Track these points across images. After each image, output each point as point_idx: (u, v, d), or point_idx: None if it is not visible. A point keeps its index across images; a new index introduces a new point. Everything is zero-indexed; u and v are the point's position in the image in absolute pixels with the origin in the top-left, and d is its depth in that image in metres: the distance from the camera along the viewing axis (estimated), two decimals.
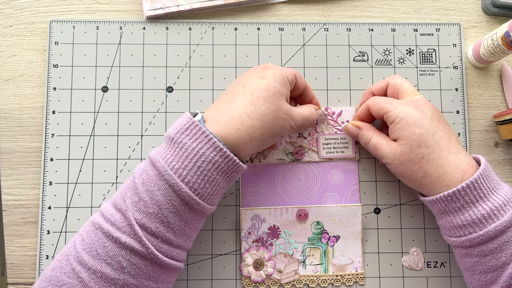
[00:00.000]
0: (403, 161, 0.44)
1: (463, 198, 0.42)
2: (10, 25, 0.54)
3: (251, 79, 0.44)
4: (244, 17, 0.55)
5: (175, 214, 0.39)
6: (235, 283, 0.51)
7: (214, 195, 0.41)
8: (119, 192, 0.41)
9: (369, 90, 0.52)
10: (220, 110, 0.43)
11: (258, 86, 0.43)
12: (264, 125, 0.43)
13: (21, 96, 0.53)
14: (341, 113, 0.53)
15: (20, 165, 0.52)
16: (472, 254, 0.42)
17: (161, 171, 0.39)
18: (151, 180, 0.39)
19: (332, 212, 0.51)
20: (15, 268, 0.51)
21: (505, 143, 0.54)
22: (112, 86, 0.53)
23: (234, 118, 0.42)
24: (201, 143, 0.40)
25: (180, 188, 0.39)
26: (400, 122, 0.44)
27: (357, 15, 0.56)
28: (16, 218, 0.51)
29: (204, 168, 0.40)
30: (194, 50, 0.54)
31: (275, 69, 0.45)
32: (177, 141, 0.40)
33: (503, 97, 0.55)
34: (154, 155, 0.40)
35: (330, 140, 0.52)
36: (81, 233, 0.40)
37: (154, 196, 0.39)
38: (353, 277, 0.51)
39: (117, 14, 0.55)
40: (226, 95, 0.45)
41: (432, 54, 0.55)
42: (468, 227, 0.42)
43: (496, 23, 0.56)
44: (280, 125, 0.44)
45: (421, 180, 0.44)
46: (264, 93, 0.43)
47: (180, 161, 0.39)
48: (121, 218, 0.39)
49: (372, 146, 0.48)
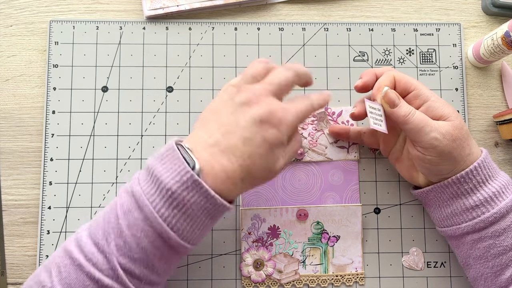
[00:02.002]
0: (457, 136, 0.42)
1: (475, 178, 0.43)
2: (10, 25, 0.54)
3: (249, 126, 0.39)
4: (244, 17, 0.55)
5: (160, 259, 0.38)
6: (235, 283, 0.51)
7: (200, 235, 0.40)
8: (100, 228, 0.38)
9: (372, 71, 0.47)
10: (213, 160, 0.38)
11: (255, 142, 0.38)
12: (253, 186, 0.41)
13: (21, 96, 0.53)
14: (341, 113, 0.53)
15: (20, 165, 0.52)
16: (486, 236, 0.43)
17: (149, 217, 0.37)
18: (137, 224, 0.37)
19: (332, 212, 0.51)
20: (15, 268, 0.51)
21: (505, 143, 0.54)
22: (112, 86, 0.53)
23: (229, 179, 0.38)
24: (195, 195, 0.37)
25: (170, 237, 0.37)
26: (438, 101, 0.44)
27: (357, 15, 0.56)
28: (16, 218, 0.51)
29: (194, 215, 0.38)
30: (194, 50, 0.54)
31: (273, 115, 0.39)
32: (168, 190, 0.37)
33: (503, 97, 0.55)
34: (140, 195, 0.37)
35: (373, 109, 0.45)
36: (57, 263, 0.38)
37: (140, 242, 0.37)
38: (353, 277, 0.51)
39: (117, 14, 0.55)
40: (221, 134, 0.39)
41: (432, 54, 0.55)
42: (481, 207, 0.43)
43: (496, 23, 0.56)
44: (270, 176, 0.41)
45: (466, 157, 0.44)
46: (262, 160, 0.39)
47: (170, 209, 0.37)
48: (104, 260, 0.37)
49: (420, 118, 0.42)
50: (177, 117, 0.53)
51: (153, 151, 0.52)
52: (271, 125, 0.39)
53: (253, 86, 0.40)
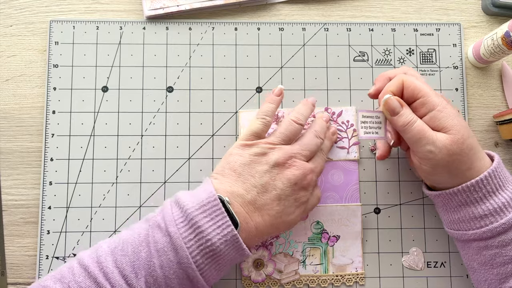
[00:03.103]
0: (454, 151, 0.41)
1: (485, 188, 0.42)
2: (10, 25, 0.54)
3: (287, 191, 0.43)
4: (244, 17, 0.55)
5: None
6: (235, 283, 0.51)
7: (218, 277, 0.42)
8: (129, 260, 0.39)
9: (386, 75, 0.47)
10: (249, 218, 0.42)
11: (288, 202, 0.43)
12: (275, 233, 0.45)
13: (21, 96, 0.53)
14: (341, 113, 0.53)
15: (20, 165, 0.52)
16: (492, 245, 0.42)
17: (184, 262, 0.38)
18: (170, 266, 0.38)
19: (332, 212, 0.51)
20: (15, 268, 0.51)
21: (505, 143, 0.54)
22: (112, 86, 0.53)
23: (258, 234, 0.42)
24: (233, 251, 0.40)
25: (198, 281, 0.39)
26: (444, 111, 0.42)
27: (357, 15, 0.56)
28: (16, 218, 0.51)
29: (223, 265, 0.41)
30: (194, 50, 0.54)
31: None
32: (212, 244, 0.39)
33: (503, 97, 0.55)
34: (177, 238, 0.38)
35: (367, 118, 0.46)
36: (78, 283, 0.38)
37: (170, 283, 0.39)
38: (353, 277, 0.51)
39: (117, 14, 0.55)
40: (257, 191, 0.43)
41: (432, 54, 0.55)
42: (490, 216, 0.42)
43: (496, 23, 0.56)
44: (290, 228, 0.46)
45: (465, 172, 0.42)
46: (290, 218, 0.44)
47: (205, 257, 0.39)
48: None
49: (418, 129, 0.42)
50: (177, 117, 0.53)
51: (153, 151, 0.52)
52: (302, 187, 0.44)
53: (289, 147, 0.45)
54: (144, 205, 0.51)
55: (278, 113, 0.52)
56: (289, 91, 0.54)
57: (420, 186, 0.53)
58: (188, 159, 0.52)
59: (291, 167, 0.43)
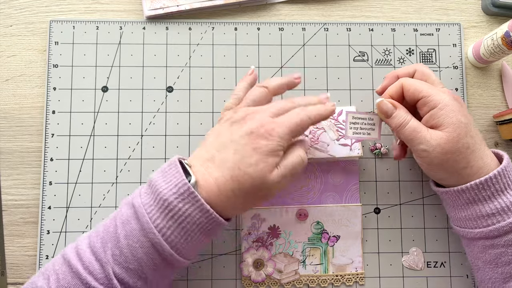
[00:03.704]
0: (448, 150, 0.42)
1: (493, 186, 0.42)
2: (10, 25, 0.54)
3: (242, 143, 0.41)
4: (244, 17, 0.55)
5: (154, 270, 0.39)
6: (235, 283, 0.51)
7: (194, 251, 0.41)
8: (99, 237, 0.39)
9: (394, 74, 0.48)
10: (207, 174, 0.40)
11: (245, 152, 0.40)
12: (248, 201, 0.41)
13: (21, 96, 0.53)
14: (341, 112, 0.53)
15: (20, 165, 0.52)
16: (498, 244, 0.42)
17: (145, 227, 0.38)
18: (134, 235, 0.38)
19: (332, 212, 0.51)
20: (15, 268, 0.51)
21: (505, 143, 0.54)
22: (112, 86, 0.53)
23: (221, 192, 0.40)
24: (191, 207, 0.39)
25: (163, 248, 0.38)
26: (444, 108, 0.42)
27: (357, 15, 0.56)
28: (16, 218, 0.51)
29: (188, 229, 0.39)
30: (194, 50, 0.54)
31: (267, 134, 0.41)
32: (165, 200, 0.38)
33: (503, 97, 0.55)
34: (139, 206, 0.39)
35: (358, 119, 0.47)
36: (56, 270, 0.39)
37: (136, 253, 0.38)
38: (353, 277, 0.51)
39: (117, 14, 0.55)
40: (216, 149, 0.42)
41: (432, 54, 0.55)
42: (497, 215, 0.42)
43: (496, 23, 0.56)
44: (264, 189, 0.41)
45: (461, 171, 0.43)
46: (251, 168, 0.40)
47: (165, 220, 0.38)
48: (100, 269, 0.38)
49: (411, 130, 0.43)
50: (177, 117, 0.53)
51: (153, 151, 0.52)
52: (261, 136, 0.41)
53: (250, 108, 0.44)
54: None
55: None
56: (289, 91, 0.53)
57: (420, 186, 0.53)
58: None
59: (248, 120, 0.42)
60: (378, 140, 0.48)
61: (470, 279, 0.51)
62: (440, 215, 0.52)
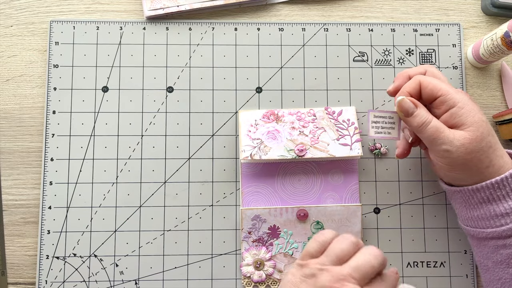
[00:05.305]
0: (472, 149, 0.41)
1: (509, 185, 0.42)
2: (11, 25, 0.54)
3: None
4: (244, 17, 0.55)
5: None
6: (235, 283, 0.51)
7: None
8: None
9: (406, 73, 0.46)
10: None
11: None
12: None
13: (21, 96, 0.53)
14: (341, 112, 0.53)
15: (20, 165, 0.52)
16: (510, 244, 0.42)
17: None
18: None
19: (332, 212, 0.51)
20: (15, 268, 0.51)
21: (505, 143, 0.54)
22: (112, 86, 0.53)
23: None
24: None
25: None
26: (465, 107, 0.42)
27: (357, 15, 0.56)
28: (16, 218, 0.51)
29: None
30: (194, 50, 0.54)
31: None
32: None
33: (502, 97, 0.55)
34: None
35: (379, 118, 0.46)
36: None
37: None
38: None
39: (117, 14, 0.55)
40: None
41: (431, 54, 0.55)
42: (511, 215, 0.41)
43: (496, 23, 0.56)
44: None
45: (484, 170, 0.42)
46: None
47: None
48: None
49: (434, 129, 0.42)
50: (177, 117, 0.53)
51: (153, 151, 0.52)
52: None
53: (338, 269, 0.36)
54: (144, 205, 0.51)
55: (278, 113, 0.52)
56: (289, 91, 0.54)
57: (419, 186, 0.53)
58: (188, 159, 0.52)
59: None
60: (398, 140, 0.47)
61: (470, 279, 0.51)
62: (440, 215, 0.52)
